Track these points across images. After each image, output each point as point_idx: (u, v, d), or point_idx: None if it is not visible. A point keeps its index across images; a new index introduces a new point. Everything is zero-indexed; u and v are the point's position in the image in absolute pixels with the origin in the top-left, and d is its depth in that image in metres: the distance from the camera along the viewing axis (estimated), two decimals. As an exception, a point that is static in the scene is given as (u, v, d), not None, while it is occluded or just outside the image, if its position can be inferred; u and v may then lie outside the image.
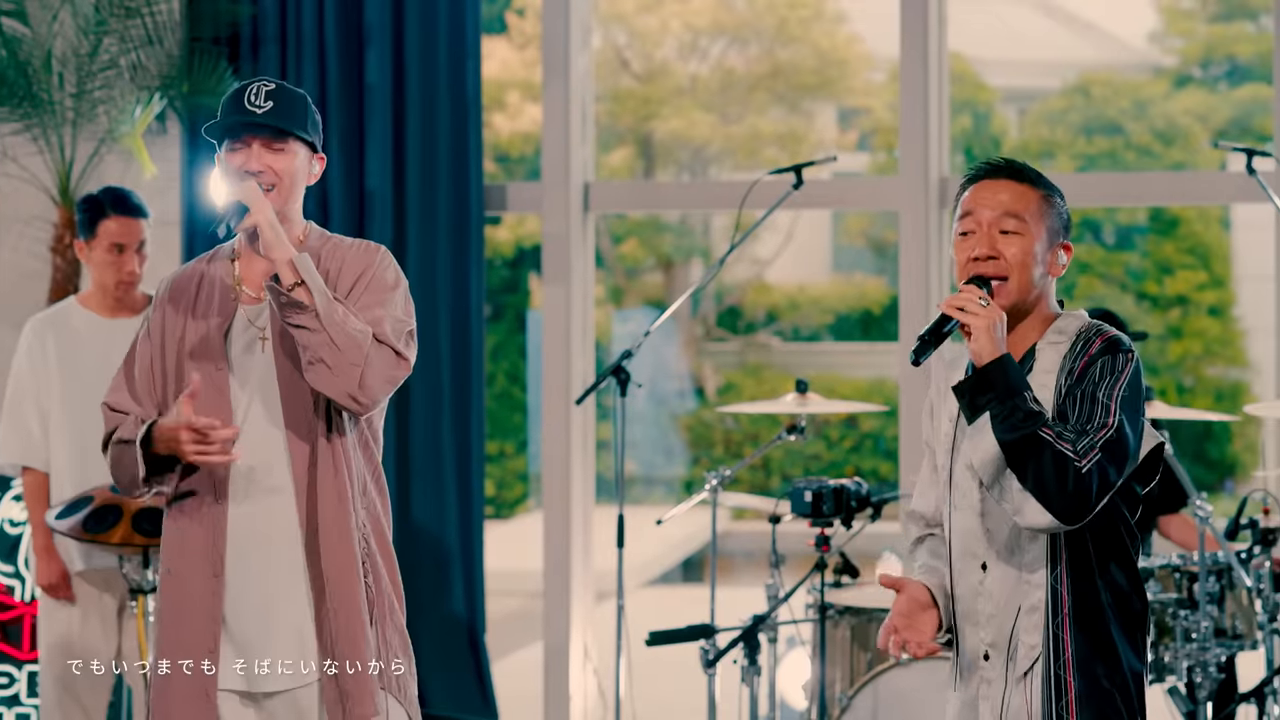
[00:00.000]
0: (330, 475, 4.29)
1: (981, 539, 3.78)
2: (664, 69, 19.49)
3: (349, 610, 4.28)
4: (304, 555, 4.29)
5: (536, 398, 18.01)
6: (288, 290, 4.18)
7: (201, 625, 4.31)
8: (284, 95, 4.36)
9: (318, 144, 4.45)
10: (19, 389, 6.13)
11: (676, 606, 12.64)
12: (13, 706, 6.95)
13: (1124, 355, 3.71)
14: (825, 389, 12.38)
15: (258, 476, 4.32)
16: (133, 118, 7.22)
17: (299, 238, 4.40)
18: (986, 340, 3.64)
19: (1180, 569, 5.92)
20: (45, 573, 6.07)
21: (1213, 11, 19.11)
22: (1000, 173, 3.83)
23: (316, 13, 7.59)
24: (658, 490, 18.97)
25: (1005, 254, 3.77)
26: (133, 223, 6.10)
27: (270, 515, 4.31)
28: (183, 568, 4.34)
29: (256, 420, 4.33)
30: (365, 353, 4.20)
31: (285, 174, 4.34)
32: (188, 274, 4.50)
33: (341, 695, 4.27)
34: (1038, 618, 3.73)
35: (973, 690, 3.84)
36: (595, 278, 8.09)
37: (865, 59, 19.37)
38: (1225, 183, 8.14)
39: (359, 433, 4.37)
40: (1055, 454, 3.56)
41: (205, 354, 4.36)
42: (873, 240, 20.17)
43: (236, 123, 4.32)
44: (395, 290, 4.36)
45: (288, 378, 4.30)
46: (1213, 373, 18.41)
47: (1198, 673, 5.83)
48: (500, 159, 18.57)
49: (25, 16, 7.34)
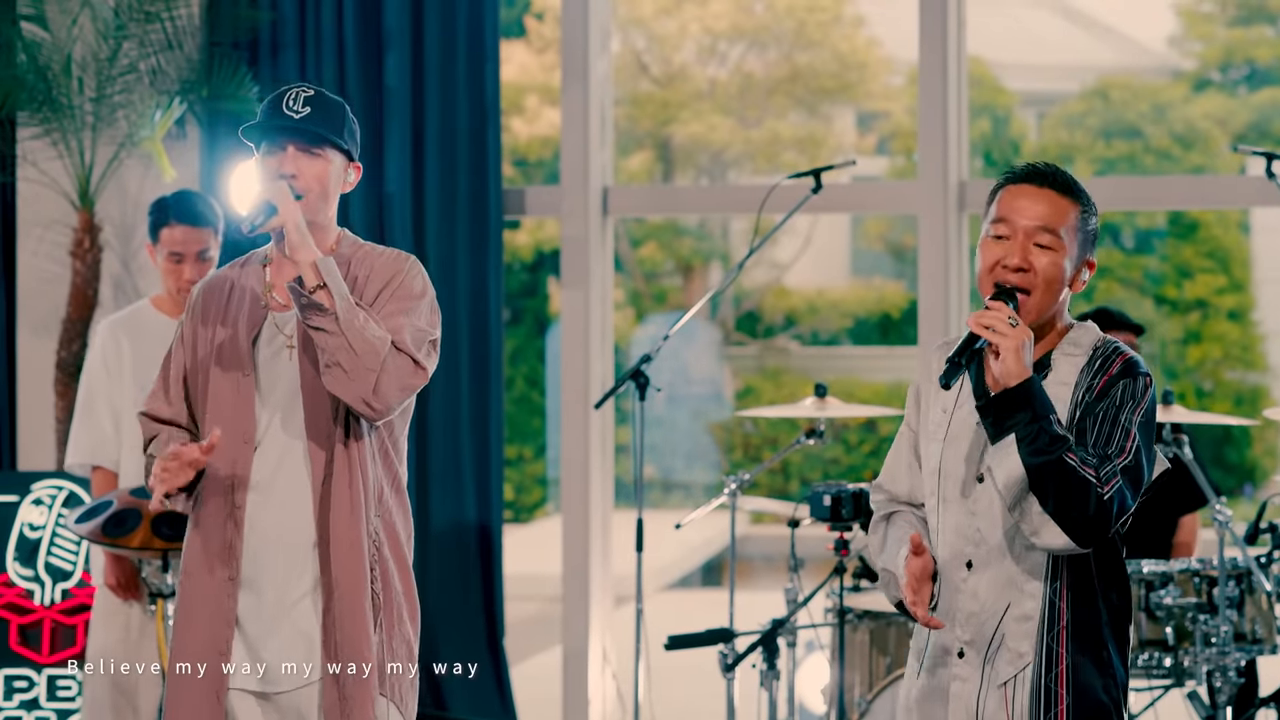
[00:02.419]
0: (344, 482, 4.31)
1: (970, 538, 3.77)
2: (683, 73, 19.50)
3: (354, 615, 4.31)
4: (315, 560, 4.32)
5: (555, 402, 18.02)
6: (309, 292, 4.20)
7: (215, 626, 4.35)
8: (322, 102, 4.40)
9: (354, 152, 4.46)
10: (92, 389, 6.15)
11: (695, 610, 12.65)
12: (32, 710, 6.96)
13: (1143, 379, 3.71)
14: (844, 393, 12.36)
15: (277, 482, 4.35)
16: (152, 122, 7.24)
17: (331, 244, 4.42)
18: (1014, 362, 3.59)
19: (1200, 573, 5.91)
20: (113, 571, 6.07)
21: (1232, 15, 19.09)
22: (1044, 180, 3.79)
23: (336, 17, 7.60)
24: (677, 494, 18.98)
25: (1036, 267, 3.73)
26: (193, 231, 6.09)
27: (286, 520, 4.34)
28: (200, 570, 4.38)
29: (278, 427, 4.36)
30: (382, 359, 4.21)
31: (318, 180, 4.36)
32: (220, 279, 4.52)
33: (341, 698, 4.30)
34: (1030, 626, 3.72)
35: (939, 683, 3.83)
36: (614, 281, 8.09)
37: (884, 63, 19.39)
38: (1244, 187, 8.13)
39: (378, 441, 4.39)
40: (1079, 479, 3.55)
41: (233, 360, 4.39)
42: (891, 244, 20.17)
43: (273, 127, 4.36)
44: (421, 300, 4.38)
45: (311, 386, 4.32)
46: (1232, 377, 18.40)
47: (1217, 677, 5.82)
48: (519, 163, 18.60)
49: (45, 21, 7.35)
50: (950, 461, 3.81)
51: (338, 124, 4.40)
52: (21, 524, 7.03)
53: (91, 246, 7.35)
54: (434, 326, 4.39)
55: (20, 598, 7.00)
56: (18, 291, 7.72)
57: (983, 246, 3.79)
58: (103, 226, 7.45)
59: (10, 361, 7.74)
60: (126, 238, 7.56)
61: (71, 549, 7.02)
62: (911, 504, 3.99)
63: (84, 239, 7.34)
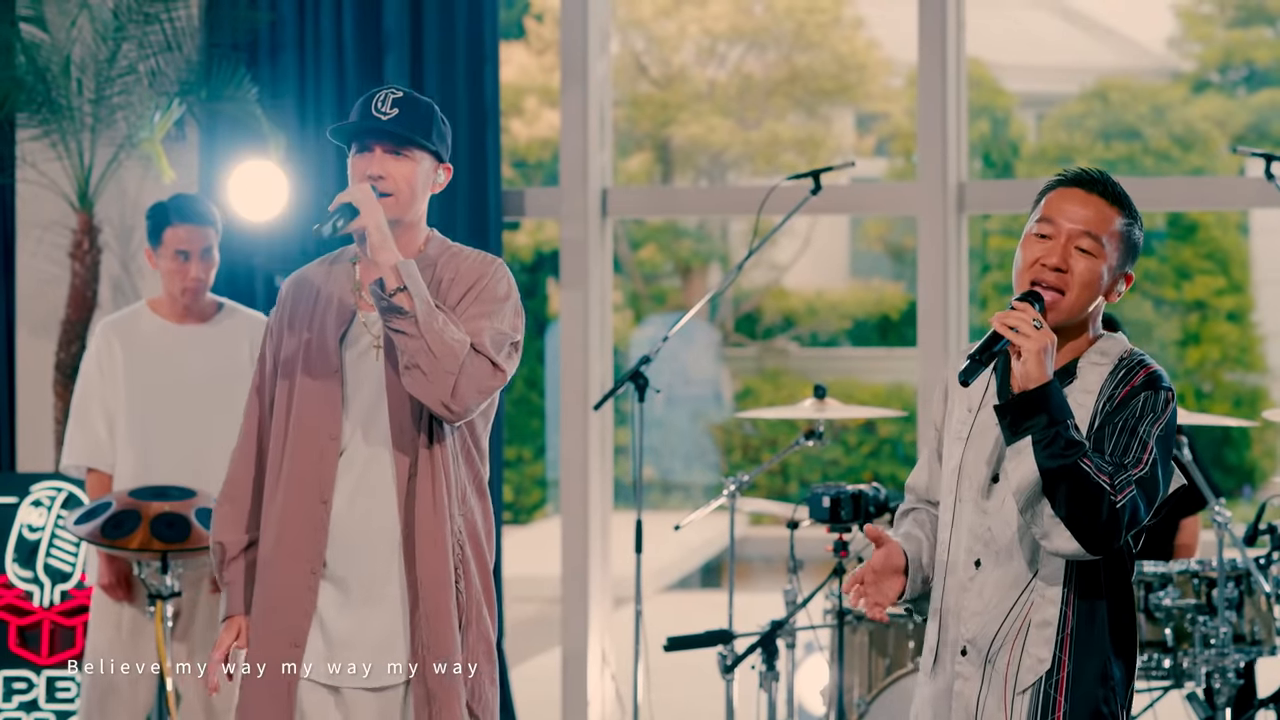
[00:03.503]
0: (429, 482, 4.37)
1: (980, 537, 3.77)
2: (682, 74, 19.51)
3: (441, 614, 4.37)
4: (400, 559, 4.38)
5: (555, 403, 18.02)
6: (390, 295, 4.26)
7: (292, 618, 4.41)
8: (410, 104, 4.44)
9: (444, 153, 4.52)
10: (87, 391, 6.16)
11: (694, 612, 12.65)
12: (31, 711, 6.96)
13: (1165, 393, 3.70)
14: (843, 394, 12.37)
15: (362, 480, 4.42)
16: (151, 123, 7.23)
17: (419, 245, 4.49)
18: (1035, 365, 3.57)
19: (1199, 574, 5.91)
20: (105, 572, 6.08)
21: (1231, 17, 19.10)
22: (1093, 187, 3.79)
23: (335, 18, 7.60)
24: (676, 495, 18.98)
25: (1074, 269, 3.73)
26: (197, 230, 6.12)
27: (370, 518, 4.41)
28: (278, 561, 4.44)
29: (364, 427, 4.42)
30: (461, 361, 4.27)
31: (405, 181, 4.41)
32: (310, 274, 4.59)
33: (429, 697, 4.36)
34: (1049, 633, 3.72)
35: (944, 683, 3.83)
36: (613, 283, 8.09)
37: (883, 64, 19.39)
38: (1244, 188, 8.13)
39: (461, 442, 4.45)
40: (1092, 485, 3.54)
41: (320, 359, 4.46)
42: (890, 245, 20.18)
43: (360, 128, 4.42)
44: (505, 302, 4.46)
45: (396, 385, 4.38)
46: (1231, 378, 18.41)
47: (1216, 678, 5.83)
48: (518, 164, 18.60)
49: (44, 23, 7.35)
50: (970, 461, 3.82)
51: (425, 126, 4.46)
52: (21, 525, 7.04)
53: (90, 248, 7.35)
54: (516, 330, 4.47)
55: (19, 599, 7.00)
56: (17, 293, 7.72)
57: (1024, 244, 3.79)
58: (102, 228, 7.45)
59: (9, 363, 7.74)
60: (126, 239, 7.56)
61: (71, 550, 7.02)
62: (929, 501, 4.00)
63: (83, 240, 7.34)
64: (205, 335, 6.20)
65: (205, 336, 6.20)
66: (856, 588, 3.83)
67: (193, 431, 6.12)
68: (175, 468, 6.06)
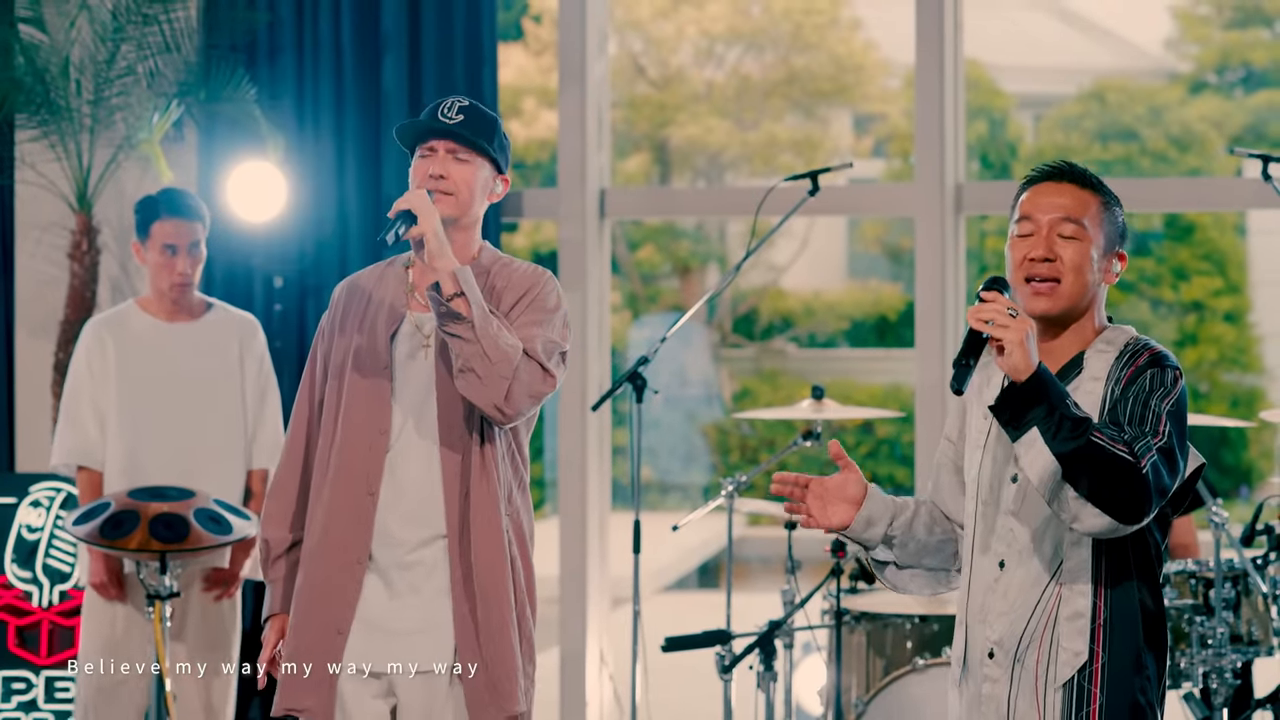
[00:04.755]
0: (481, 479, 4.47)
1: (1003, 538, 3.76)
2: (680, 75, 19.50)
3: (500, 609, 4.47)
4: (449, 554, 4.47)
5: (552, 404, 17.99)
6: (447, 300, 4.33)
7: (336, 608, 4.49)
8: (475, 112, 4.57)
9: (503, 164, 4.64)
10: (76, 390, 6.16)
11: (692, 612, 12.65)
12: (30, 712, 6.97)
13: (1172, 371, 3.68)
14: (841, 395, 12.38)
15: (409, 476, 4.51)
16: (150, 124, 7.24)
17: (474, 253, 4.59)
18: (1021, 355, 3.51)
19: (1196, 575, 5.92)
20: (97, 570, 6.08)
21: (1228, 18, 19.10)
22: (1062, 176, 3.81)
23: (333, 20, 7.61)
24: (674, 496, 18.98)
25: (1062, 256, 3.73)
26: (184, 224, 6.13)
27: (418, 515, 4.50)
28: (323, 551, 4.51)
29: (413, 424, 4.51)
30: (514, 366, 4.37)
31: (465, 183, 4.52)
32: (366, 276, 4.70)
33: (484, 691, 4.45)
34: (1083, 624, 3.69)
35: (973, 691, 3.82)
36: (611, 284, 8.09)
37: (881, 65, 19.38)
38: (1241, 189, 8.14)
39: (507, 445, 4.55)
40: (1111, 456, 3.49)
41: (371, 356, 4.55)
42: (888, 246, 20.17)
43: (425, 128, 4.53)
44: (555, 313, 4.56)
45: (445, 385, 4.47)
46: (1228, 379, 18.40)
47: (1213, 679, 5.83)
48: (516, 165, 18.53)
49: (43, 24, 7.35)
50: (990, 465, 3.81)
51: (488, 133, 4.58)
52: (19, 526, 7.04)
53: (89, 249, 7.35)
54: (565, 340, 4.56)
55: (18, 599, 7.01)
56: (16, 293, 7.73)
57: (1010, 247, 3.79)
58: (100, 229, 7.45)
59: (8, 363, 7.74)
60: (124, 240, 7.57)
61: (69, 551, 7.02)
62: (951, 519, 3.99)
63: (82, 241, 7.35)
64: (195, 333, 6.21)
65: (195, 334, 6.20)
66: (796, 489, 3.82)
67: (182, 429, 6.13)
68: (165, 465, 6.07)
